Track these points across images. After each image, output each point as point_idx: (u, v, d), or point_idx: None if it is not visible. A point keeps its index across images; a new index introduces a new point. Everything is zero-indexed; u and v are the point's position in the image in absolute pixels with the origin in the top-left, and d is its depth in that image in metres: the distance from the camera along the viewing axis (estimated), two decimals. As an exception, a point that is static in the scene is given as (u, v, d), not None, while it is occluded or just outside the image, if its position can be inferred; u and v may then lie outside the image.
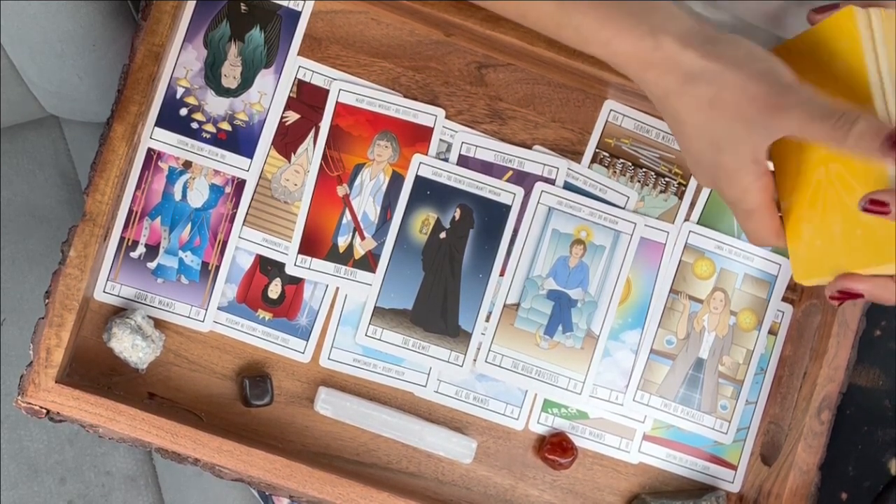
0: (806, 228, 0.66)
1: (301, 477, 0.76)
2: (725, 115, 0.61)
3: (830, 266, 0.64)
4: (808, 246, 0.66)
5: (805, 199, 0.65)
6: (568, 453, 0.82)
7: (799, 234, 0.66)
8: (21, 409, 0.75)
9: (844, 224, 0.62)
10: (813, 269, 0.66)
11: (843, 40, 0.63)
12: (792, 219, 0.67)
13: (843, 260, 0.63)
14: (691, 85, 0.61)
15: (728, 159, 0.62)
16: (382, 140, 0.82)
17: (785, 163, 0.67)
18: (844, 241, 0.63)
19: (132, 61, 0.77)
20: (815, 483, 0.81)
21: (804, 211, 0.66)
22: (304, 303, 0.82)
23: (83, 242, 0.76)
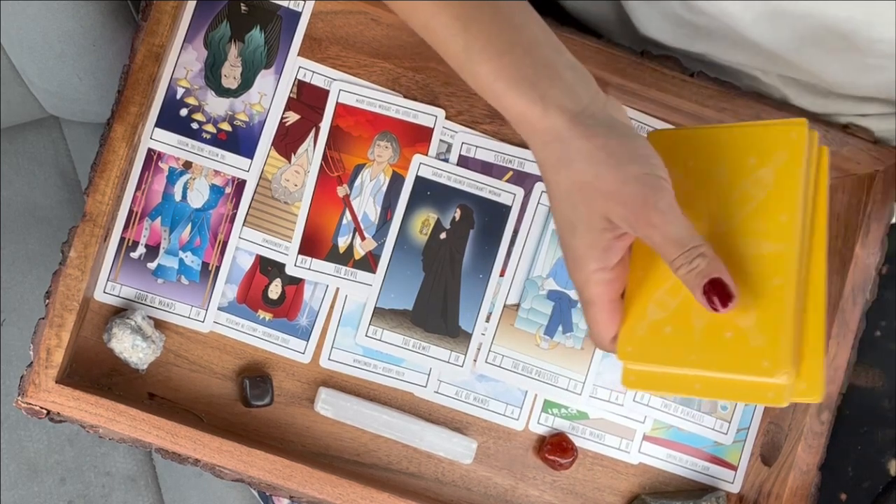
0: (654, 310, 0.63)
1: (301, 477, 0.76)
2: (590, 205, 0.60)
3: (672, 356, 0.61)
4: (651, 328, 0.62)
5: (667, 281, 0.62)
6: (568, 454, 0.82)
7: (643, 313, 0.63)
8: (21, 409, 0.75)
9: (712, 323, 0.60)
10: (648, 354, 0.63)
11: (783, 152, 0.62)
12: (638, 296, 0.64)
13: (694, 356, 0.60)
14: (566, 165, 0.61)
15: (579, 244, 0.62)
16: (382, 140, 0.82)
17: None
18: (705, 339, 0.60)
19: (132, 61, 0.77)
20: (815, 483, 0.81)
21: (659, 293, 0.63)
22: (305, 303, 0.82)
23: (83, 243, 0.76)
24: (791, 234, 0.60)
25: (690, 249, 0.59)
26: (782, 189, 0.61)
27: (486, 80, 0.62)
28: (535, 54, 0.62)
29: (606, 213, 0.60)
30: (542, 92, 0.61)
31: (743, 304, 0.59)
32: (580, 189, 0.60)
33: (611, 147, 0.60)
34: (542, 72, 0.61)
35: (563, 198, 0.62)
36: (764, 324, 0.58)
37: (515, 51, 0.61)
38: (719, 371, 0.59)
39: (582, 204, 0.61)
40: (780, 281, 0.59)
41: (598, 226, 0.61)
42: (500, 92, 0.62)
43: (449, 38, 0.63)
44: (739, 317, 0.59)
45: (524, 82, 0.61)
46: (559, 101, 0.60)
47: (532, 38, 0.62)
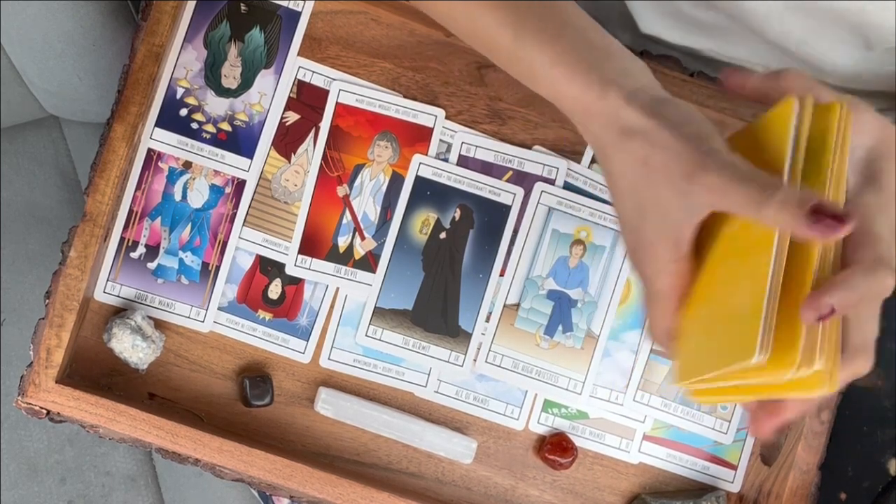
0: (698, 330, 0.60)
1: (301, 477, 0.76)
2: (656, 176, 0.58)
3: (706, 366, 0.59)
4: (696, 347, 0.60)
5: (704, 300, 0.60)
6: (568, 453, 0.82)
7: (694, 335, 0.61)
8: (21, 409, 0.75)
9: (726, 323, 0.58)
10: (693, 371, 0.60)
11: (774, 140, 0.59)
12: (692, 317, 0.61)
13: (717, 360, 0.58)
14: (628, 140, 0.59)
15: (650, 228, 0.59)
16: (382, 140, 0.82)
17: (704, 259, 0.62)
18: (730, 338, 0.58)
19: (132, 61, 0.77)
20: (815, 483, 0.81)
21: (702, 312, 0.61)
22: (305, 303, 0.82)
23: (83, 242, 0.76)
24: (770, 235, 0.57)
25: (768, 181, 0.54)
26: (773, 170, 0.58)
27: (540, 68, 0.61)
28: (587, 37, 0.61)
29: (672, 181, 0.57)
30: (599, 73, 0.60)
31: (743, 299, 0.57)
32: (644, 163, 0.58)
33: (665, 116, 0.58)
34: (596, 54, 0.60)
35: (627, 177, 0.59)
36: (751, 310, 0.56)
37: (568, 35, 0.61)
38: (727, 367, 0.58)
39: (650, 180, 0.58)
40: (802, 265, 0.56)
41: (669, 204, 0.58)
42: (555, 78, 0.60)
43: (496, 29, 0.62)
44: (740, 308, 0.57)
45: (580, 65, 0.60)
46: (616, 82, 0.59)
47: (580, 22, 0.62)
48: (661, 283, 0.60)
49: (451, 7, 0.64)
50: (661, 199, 0.58)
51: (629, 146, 0.59)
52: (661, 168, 0.57)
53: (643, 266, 0.61)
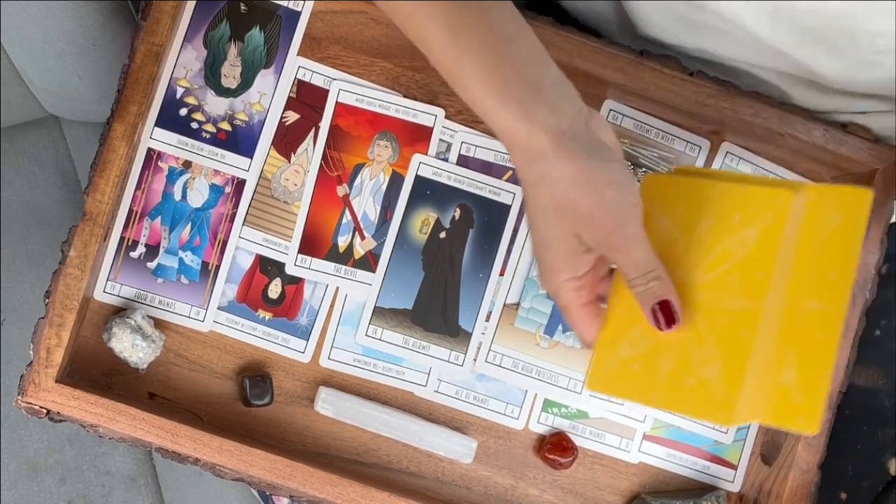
0: (625, 348, 0.67)
1: (301, 477, 0.76)
2: (564, 224, 0.63)
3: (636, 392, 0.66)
4: (621, 364, 0.66)
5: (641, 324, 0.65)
6: (568, 453, 0.82)
7: (614, 348, 0.67)
8: (21, 409, 0.75)
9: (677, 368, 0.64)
10: (614, 386, 0.67)
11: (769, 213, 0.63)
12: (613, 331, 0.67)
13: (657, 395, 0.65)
14: (547, 185, 0.62)
15: (552, 258, 0.65)
16: (382, 140, 0.82)
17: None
18: (669, 382, 0.64)
19: (132, 61, 0.77)
20: (815, 482, 0.81)
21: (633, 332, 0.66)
22: (305, 303, 0.82)
23: (83, 242, 0.76)
24: (763, 294, 0.62)
25: (648, 273, 0.63)
26: (762, 251, 0.63)
27: (475, 95, 0.63)
28: (523, 72, 0.62)
29: (579, 234, 0.63)
30: (528, 111, 0.62)
31: (708, 356, 0.62)
32: (557, 209, 0.63)
33: (590, 171, 0.62)
34: (529, 90, 0.62)
35: (539, 214, 0.64)
36: (725, 376, 0.61)
37: (504, 67, 0.62)
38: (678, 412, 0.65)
39: (558, 223, 0.63)
40: (746, 336, 0.62)
41: (570, 243, 0.64)
42: (487, 107, 0.63)
43: (440, 49, 0.64)
44: (704, 367, 0.62)
45: (511, 100, 0.62)
46: (544, 122, 0.61)
47: (522, 54, 0.63)
48: (564, 298, 0.67)
49: (403, 19, 0.65)
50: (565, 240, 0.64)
51: (546, 191, 0.63)
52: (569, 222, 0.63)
53: (548, 285, 0.67)
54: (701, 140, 0.84)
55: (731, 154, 0.84)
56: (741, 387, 0.61)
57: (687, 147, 0.84)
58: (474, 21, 0.63)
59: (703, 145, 0.84)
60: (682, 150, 0.84)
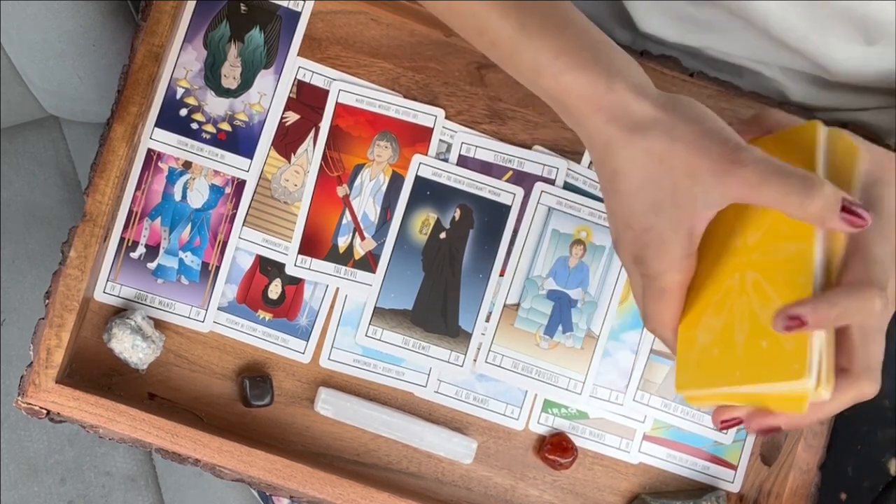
0: (703, 335, 0.61)
1: (301, 477, 0.76)
2: (675, 171, 0.56)
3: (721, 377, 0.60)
4: (701, 354, 0.61)
5: (710, 304, 0.61)
6: (568, 453, 0.82)
7: (693, 340, 0.62)
8: (21, 409, 0.75)
9: (750, 336, 0.59)
10: (701, 379, 0.62)
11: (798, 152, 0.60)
12: (687, 323, 0.62)
13: (738, 372, 0.59)
14: (640, 135, 0.57)
15: (665, 224, 0.58)
16: (382, 140, 0.82)
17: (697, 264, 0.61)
18: (746, 353, 0.59)
19: (132, 61, 0.77)
20: (815, 483, 0.81)
21: (704, 317, 0.62)
22: (304, 303, 0.82)
23: (83, 243, 0.76)
24: (809, 232, 0.58)
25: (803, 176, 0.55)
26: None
27: (544, 60, 0.59)
28: (590, 32, 0.60)
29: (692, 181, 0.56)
30: (604, 66, 0.58)
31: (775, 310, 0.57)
32: (661, 159, 0.57)
33: (681, 109, 0.58)
34: (601, 48, 0.59)
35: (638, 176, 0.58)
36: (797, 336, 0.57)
37: (572, 28, 0.60)
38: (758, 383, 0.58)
39: (668, 175, 0.57)
40: (804, 280, 0.57)
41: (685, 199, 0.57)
42: (559, 70, 0.59)
43: (499, 20, 0.61)
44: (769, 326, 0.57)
45: (586, 58, 0.59)
46: (623, 74, 0.58)
47: (583, 19, 0.61)
48: (669, 279, 0.60)
49: (452, 6, 0.63)
50: (681, 193, 0.57)
51: (642, 141, 0.57)
52: (682, 162, 0.56)
53: (654, 264, 0.59)
54: (701, 140, 0.84)
55: (731, 154, 0.84)
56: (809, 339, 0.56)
57: (687, 147, 0.84)
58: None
59: (703, 146, 0.84)
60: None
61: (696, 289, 0.62)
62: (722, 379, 0.60)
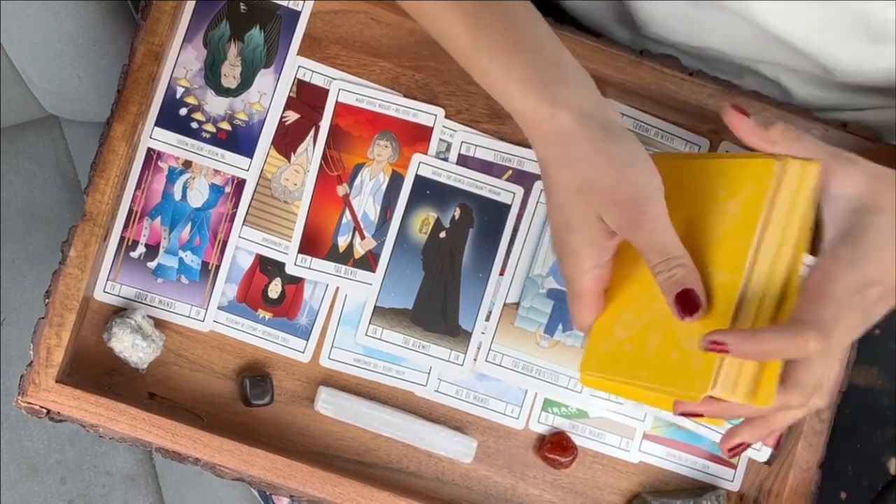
0: (619, 330, 0.67)
1: (301, 476, 0.76)
2: (589, 205, 0.62)
3: (626, 370, 0.66)
4: (614, 345, 0.67)
5: (634, 304, 0.67)
6: (568, 452, 0.82)
7: (609, 332, 0.68)
8: (21, 409, 0.75)
9: (663, 343, 0.64)
10: (607, 366, 0.68)
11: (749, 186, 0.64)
12: (609, 314, 0.68)
13: (644, 372, 0.65)
14: (567, 167, 0.62)
15: (575, 240, 0.64)
16: (382, 140, 0.82)
17: (628, 264, 0.67)
18: (656, 357, 0.64)
19: (132, 61, 0.77)
20: (814, 482, 0.81)
21: (625, 315, 0.67)
22: (305, 302, 0.82)
23: (83, 242, 0.76)
24: (741, 265, 0.62)
25: (671, 258, 0.61)
26: (743, 221, 0.63)
27: (496, 79, 0.63)
28: (543, 53, 0.62)
29: (601, 214, 0.62)
30: (551, 93, 0.61)
31: (692, 329, 0.62)
32: (579, 189, 0.62)
33: (611, 151, 0.61)
34: (551, 72, 0.62)
35: (562, 197, 0.64)
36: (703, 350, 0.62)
37: (524, 49, 0.62)
38: (660, 386, 0.64)
39: (580, 203, 0.62)
40: (724, 310, 0.62)
41: (594, 224, 0.63)
42: (510, 92, 0.62)
43: (458, 35, 0.63)
44: (687, 340, 0.62)
45: (534, 83, 0.61)
46: (568, 102, 0.61)
47: (539, 37, 0.63)
48: (581, 285, 0.66)
49: (419, 6, 0.65)
50: (588, 222, 0.63)
51: (567, 172, 0.62)
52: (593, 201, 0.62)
53: (568, 270, 0.66)
54: (701, 139, 0.84)
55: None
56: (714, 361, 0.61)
57: (687, 146, 0.84)
58: (494, 5, 0.62)
59: (702, 145, 0.84)
60: (681, 149, 0.84)
61: (624, 285, 0.67)
62: (627, 372, 0.66)
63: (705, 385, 0.61)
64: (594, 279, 0.66)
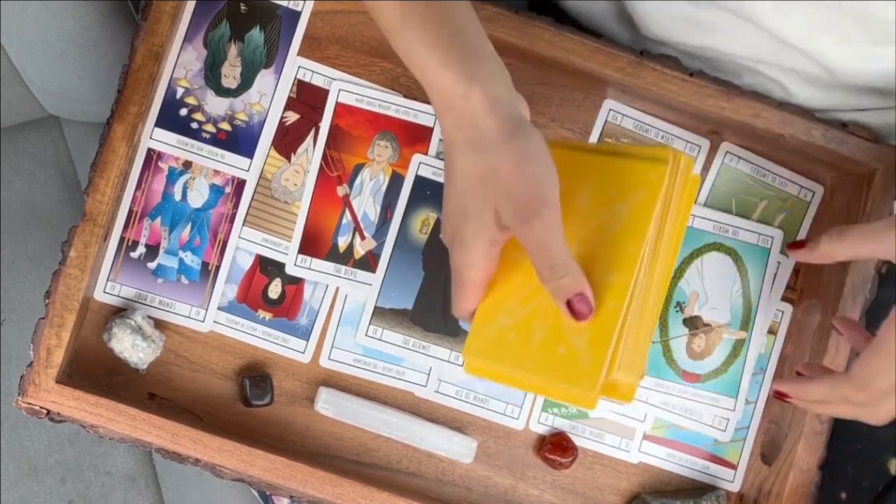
0: (503, 318, 0.67)
1: (301, 477, 0.76)
2: (487, 194, 0.62)
3: (510, 358, 0.66)
4: (498, 332, 0.67)
5: (519, 293, 0.67)
6: (568, 453, 0.82)
7: (493, 318, 0.68)
8: (21, 409, 0.75)
9: (549, 336, 0.65)
10: (490, 353, 0.67)
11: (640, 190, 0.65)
12: (493, 300, 0.68)
13: (529, 362, 0.65)
14: (473, 153, 0.62)
15: (468, 232, 0.64)
16: (382, 140, 0.82)
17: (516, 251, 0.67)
18: (541, 349, 0.65)
19: (132, 61, 0.77)
20: (815, 482, 0.81)
21: (510, 303, 0.67)
22: (305, 303, 0.82)
23: (83, 242, 0.76)
24: (632, 269, 0.63)
25: (558, 266, 0.62)
26: (634, 225, 0.64)
27: (417, 53, 0.63)
28: (467, 36, 0.63)
29: (497, 207, 0.62)
30: (469, 73, 0.62)
31: (579, 326, 0.63)
32: (480, 178, 0.63)
33: (517, 144, 0.62)
34: (472, 52, 0.62)
35: (461, 183, 0.64)
36: (592, 347, 0.63)
37: (449, 28, 0.62)
38: (548, 378, 0.64)
39: (479, 193, 0.63)
40: (613, 309, 0.63)
41: (489, 217, 0.63)
42: (429, 65, 0.62)
43: (387, 6, 0.64)
44: (574, 336, 0.63)
45: (454, 60, 0.62)
46: (483, 85, 0.62)
47: (464, 18, 0.64)
48: (467, 275, 0.67)
49: None
50: (484, 215, 0.63)
51: (472, 158, 0.63)
52: (491, 193, 0.62)
53: (458, 259, 0.66)
54: (701, 140, 0.84)
55: (730, 154, 0.84)
56: (605, 358, 0.62)
57: (687, 147, 0.84)
58: None
59: (702, 145, 0.84)
60: (681, 149, 0.83)
61: (510, 274, 0.67)
62: (511, 360, 0.66)
63: (593, 383, 0.62)
64: (482, 270, 0.66)
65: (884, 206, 0.82)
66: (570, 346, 0.63)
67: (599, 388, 0.62)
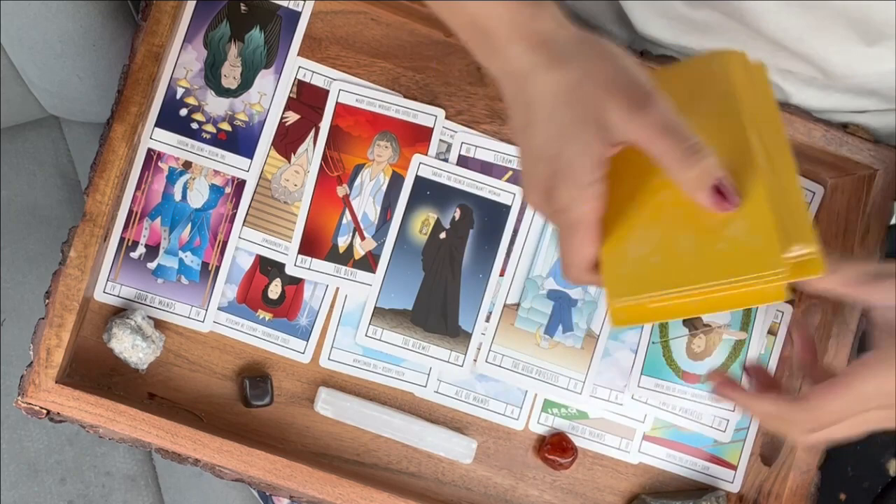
0: (635, 249, 0.61)
1: (301, 477, 0.76)
2: (586, 100, 0.57)
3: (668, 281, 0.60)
4: (637, 264, 0.61)
5: (641, 220, 0.62)
6: (568, 453, 0.82)
7: (623, 256, 0.62)
8: (21, 409, 0.75)
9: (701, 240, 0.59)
10: (640, 287, 0.61)
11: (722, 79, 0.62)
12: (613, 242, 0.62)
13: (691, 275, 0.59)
14: (558, 66, 0.57)
15: (573, 150, 0.58)
16: (382, 140, 0.82)
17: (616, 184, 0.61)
18: (697, 256, 0.59)
19: (132, 61, 0.77)
20: (814, 483, 0.81)
21: (635, 233, 0.62)
22: (304, 303, 0.82)
23: (83, 242, 0.76)
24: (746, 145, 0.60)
25: (694, 143, 0.56)
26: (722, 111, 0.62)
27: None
28: None
29: (602, 111, 0.57)
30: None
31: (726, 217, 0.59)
32: (574, 89, 0.57)
33: (600, 46, 0.58)
34: None
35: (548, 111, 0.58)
36: (754, 228, 0.58)
37: None
38: (723, 279, 0.59)
39: (571, 112, 0.58)
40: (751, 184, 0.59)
41: (591, 129, 0.57)
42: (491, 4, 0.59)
43: None
44: (727, 227, 0.59)
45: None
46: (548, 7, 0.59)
47: None
48: (580, 211, 0.59)
49: None
50: (588, 121, 0.57)
51: (558, 72, 0.58)
52: (592, 95, 0.57)
53: (560, 194, 0.59)
54: (701, 140, 0.84)
55: (731, 154, 0.84)
56: (775, 229, 0.57)
57: (687, 147, 0.84)
58: None
59: (703, 146, 0.84)
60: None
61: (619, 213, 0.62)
62: (670, 282, 0.60)
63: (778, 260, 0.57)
64: (594, 199, 0.59)
65: (884, 207, 0.82)
66: (730, 239, 0.58)
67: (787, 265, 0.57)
